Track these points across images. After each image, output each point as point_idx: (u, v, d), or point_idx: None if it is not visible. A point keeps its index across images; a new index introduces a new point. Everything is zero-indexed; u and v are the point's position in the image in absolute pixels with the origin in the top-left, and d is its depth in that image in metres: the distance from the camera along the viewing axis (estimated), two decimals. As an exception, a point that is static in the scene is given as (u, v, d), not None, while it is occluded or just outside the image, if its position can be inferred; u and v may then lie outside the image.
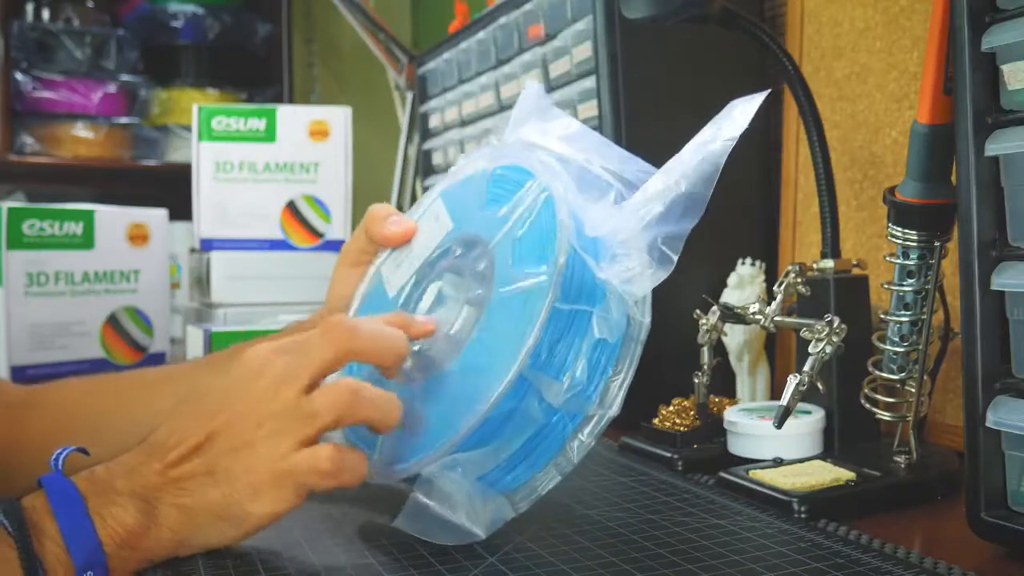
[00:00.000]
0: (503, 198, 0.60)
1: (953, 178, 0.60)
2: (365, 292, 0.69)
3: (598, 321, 0.54)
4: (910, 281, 0.70)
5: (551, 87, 1.05)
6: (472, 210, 0.63)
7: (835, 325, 0.68)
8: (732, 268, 0.94)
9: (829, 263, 0.77)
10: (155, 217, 1.43)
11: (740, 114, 0.56)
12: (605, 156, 0.62)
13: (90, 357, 1.35)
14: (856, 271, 0.78)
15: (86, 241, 1.33)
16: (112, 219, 1.37)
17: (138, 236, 1.39)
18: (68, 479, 0.51)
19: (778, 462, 0.71)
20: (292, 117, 1.35)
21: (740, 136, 0.56)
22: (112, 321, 1.37)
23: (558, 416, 0.55)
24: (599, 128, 0.94)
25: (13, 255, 1.26)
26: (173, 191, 1.61)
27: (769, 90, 0.60)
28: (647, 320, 0.56)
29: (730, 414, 0.77)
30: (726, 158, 0.55)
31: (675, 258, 0.55)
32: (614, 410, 0.55)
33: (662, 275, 0.55)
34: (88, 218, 1.33)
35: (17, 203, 1.28)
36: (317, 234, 1.36)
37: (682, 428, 0.80)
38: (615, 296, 0.54)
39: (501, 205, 0.60)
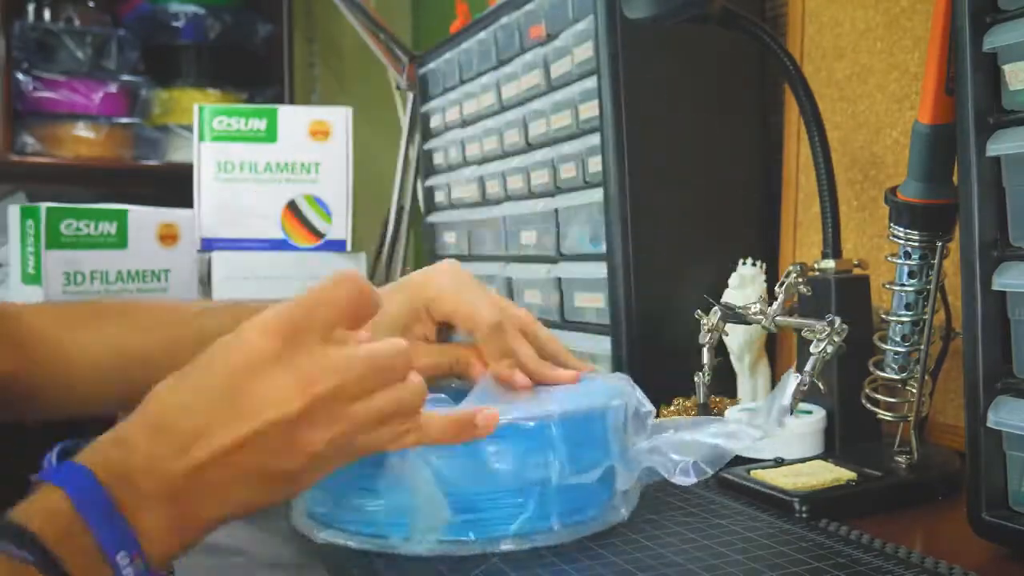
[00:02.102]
0: None
1: (955, 178, 0.60)
2: None
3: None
4: (911, 281, 0.70)
5: (552, 87, 1.05)
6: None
7: (836, 325, 0.68)
8: (733, 268, 0.93)
9: (830, 263, 0.77)
10: (184, 217, 1.42)
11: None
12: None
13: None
14: (857, 271, 0.78)
15: (120, 241, 1.33)
16: (144, 219, 1.36)
17: (168, 236, 1.39)
18: (92, 476, 0.45)
19: (779, 462, 0.71)
20: (293, 117, 1.35)
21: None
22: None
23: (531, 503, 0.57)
24: (600, 127, 0.95)
25: (51, 255, 1.26)
26: (174, 191, 1.61)
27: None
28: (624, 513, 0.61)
29: (731, 414, 0.77)
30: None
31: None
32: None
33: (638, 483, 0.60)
34: (121, 218, 1.33)
35: (52, 203, 1.28)
36: (318, 234, 1.36)
37: (683, 428, 0.80)
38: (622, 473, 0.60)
39: None
